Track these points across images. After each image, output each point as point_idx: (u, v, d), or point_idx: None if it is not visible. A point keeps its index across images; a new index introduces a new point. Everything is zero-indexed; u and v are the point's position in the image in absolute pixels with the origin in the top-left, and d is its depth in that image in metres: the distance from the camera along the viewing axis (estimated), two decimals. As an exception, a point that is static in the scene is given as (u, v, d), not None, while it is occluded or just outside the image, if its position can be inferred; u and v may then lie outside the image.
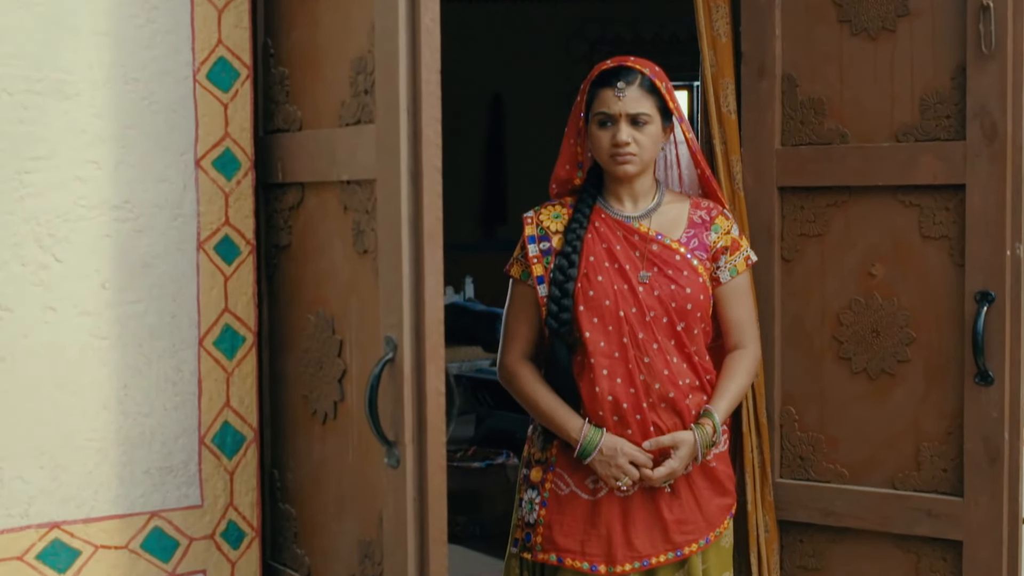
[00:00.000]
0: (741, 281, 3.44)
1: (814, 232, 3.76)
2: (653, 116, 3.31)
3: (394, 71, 2.59)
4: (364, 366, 2.76)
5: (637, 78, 3.31)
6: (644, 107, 3.30)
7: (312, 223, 2.97)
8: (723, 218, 3.43)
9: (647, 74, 3.32)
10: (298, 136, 2.99)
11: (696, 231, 3.39)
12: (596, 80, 3.35)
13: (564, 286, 3.31)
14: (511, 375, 3.45)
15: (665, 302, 3.30)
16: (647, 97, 3.31)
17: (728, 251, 3.40)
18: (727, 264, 3.40)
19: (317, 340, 2.95)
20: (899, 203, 3.62)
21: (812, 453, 3.79)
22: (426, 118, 2.58)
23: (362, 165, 2.73)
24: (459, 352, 9.67)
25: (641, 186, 3.40)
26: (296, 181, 3.01)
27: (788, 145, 3.76)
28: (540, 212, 3.45)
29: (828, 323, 3.74)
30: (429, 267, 2.59)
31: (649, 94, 3.31)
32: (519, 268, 3.44)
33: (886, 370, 3.66)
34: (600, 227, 3.37)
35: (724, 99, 3.77)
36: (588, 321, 3.30)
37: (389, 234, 2.63)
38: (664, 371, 3.30)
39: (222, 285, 3.02)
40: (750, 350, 3.47)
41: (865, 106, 3.65)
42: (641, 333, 3.29)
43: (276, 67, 3.09)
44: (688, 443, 3.30)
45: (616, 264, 3.33)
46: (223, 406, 3.03)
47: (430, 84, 2.59)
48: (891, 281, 3.64)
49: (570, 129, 3.43)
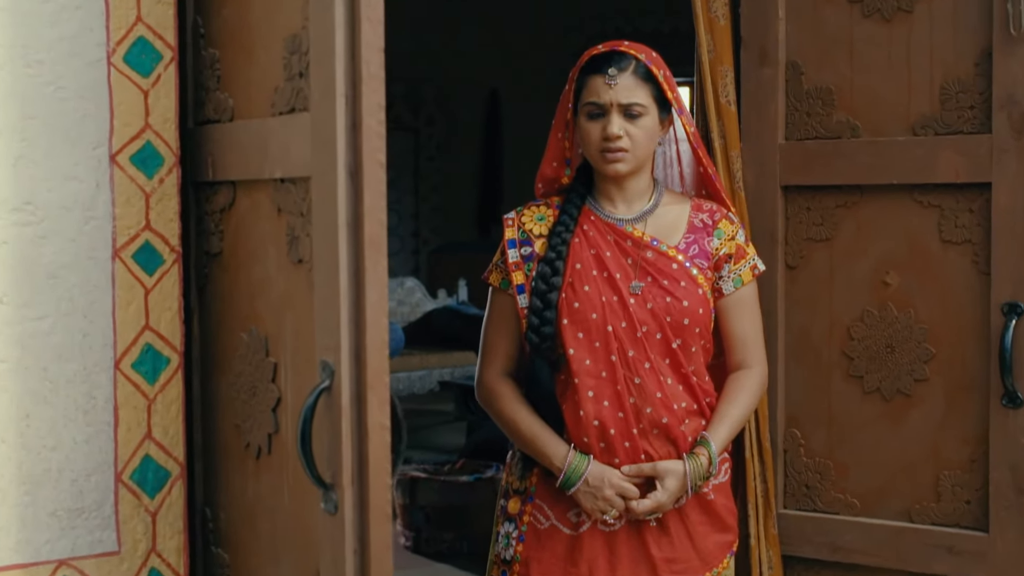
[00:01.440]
0: (746, 293, 3.15)
1: (822, 236, 3.52)
2: (648, 107, 3.02)
3: (330, 50, 2.23)
4: (300, 394, 2.40)
5: (631, 64, 3.02)
6: (638, 96, 3.01)
7: (244, 227, 2.61)
8: (727, 222, 3.15)
9: (642, 60, 3.03)
10: (229, 127, 2.63)
11: (696, 236, 3.11)
12: (586, 67, 3.06)
13: (546, 297, 3.02)
14: (489, 394, 3.16)
15: (659, 316, 3.01)
16: (642, 85, 3.02)
17: (732, 259, 3.12)
18: (731, 274, 3.12)
19: (250, 362, 2.58)
20: (916, 204, 3.39)
21: (819, 481, 3.56)
22: (367, 105, 2.23)
23: (296, 160, 2.37)
24: (451, 358, 9.43)
25: (636, 186, 3.11)
26: (227, 179, 2.64)
27: (793, 139, 3.53)
28: (522, 213, 3.16)
29: (837, 337, 3.51)
30: (371, 279, 2.23)
31: (644, 82, 3.02)
32: (498, 275, 3.16)
33: (902, 390, 3.43)
34: (589, 231, 3.09)
35: (723, 88, 3.51)
36: (572, 336, 3.01)
37: (325, 241, 2.27)
38: (657, 394, 3.01)
39: (142, 299, 2.65)
40: (755, 370, 3.18)
41: (878, 96, 3.42)
42: (631, 351, 3.00)
43: (206, 49, 2.72)
44: (677, 474, 3.01)
45: (605, 272, 3.04)
46: (143, 437, 2.66)
47: (372, 65, 2.23)
48: (907, 291, 3.41)
49: (557, 122, 3.14)
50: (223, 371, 2.71)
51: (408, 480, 6.54)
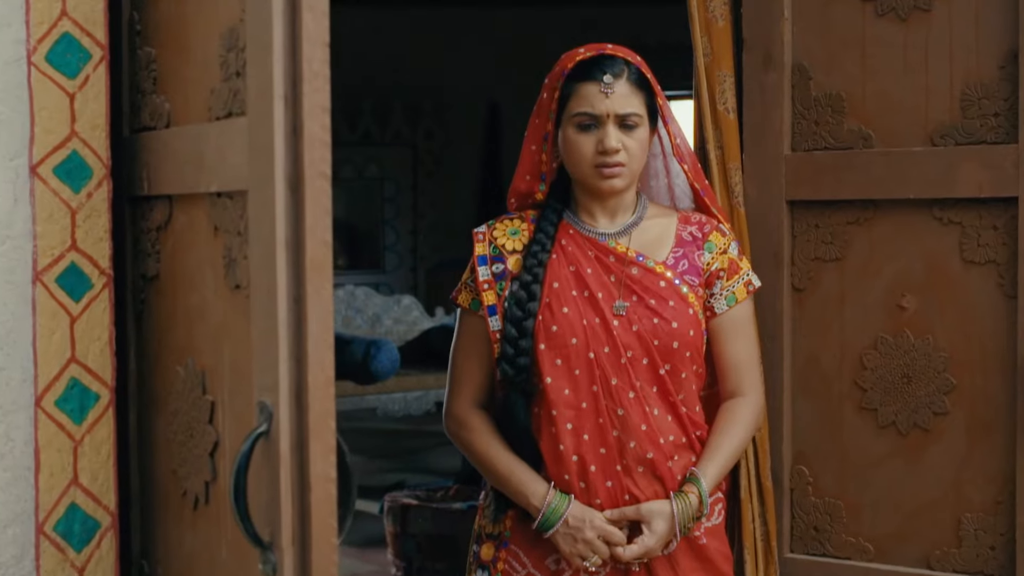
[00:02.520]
0: (741, 312, 2.93)
1: (831, 255, 3.32)
2: (643, 116, 2.82)
3: (266, 45, 1.95)
4: (238, 438, 2.11)
5: (624, 70, 2.80)
6: (634, 105, 2.80)
7: (182, 248, 2.32)
8: (718, 235, 2.93)
9: (635, 65, 2.82)
10: (165, 135, 2.35)
11: (686, 251, 2.90)
12: (573, 73, 2.81)
13: (522, 324, 2.79)
14: (459, 426, 2.92)
15: (646, 339, 2.79)
16: (636, 93, 2.81)
17: (725, 275, 2.91)
18: (723, 291, 2.90)
19: (186, 400, 2.30)
20: (935, 221, 3.19)
21: (829, 523, 3.34)
22: (309, 107, 1.94)
23: (232, 172, 2.09)
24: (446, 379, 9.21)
25: (621, 200, 2.90)
26: (163, 194, 2.36)
27: (800, 150, 3.34)
28: (494, 227, 2.93)
29: (849, 366, 3.31)
30: (314, 308, 1.94)
31: (638, 89, 2.81)
32: (467, 295, 2.92)
33: (920, 424, 3.22)
34: (567, 246, 2.87)
35: (720, 95, 3.31)
36: (550, 364, 2.78)
37: (262, 264, 1.98)
38: (642, 426, 2.79)
39: (67, 327, 2.37)
40: (750, 399, 2.96)
41: (893, 102, 3.23)
42: (615, 378, 2.78)
43: (142, 47, 2.43)
44: (664, 515, 2.78)
45: (586, 292, 2.82)
46: (69, 484, 2.38)
47: (315, 62, 1.95)
48: (926, 316, 3.21)
49: (532, 133, 2.91)
50: (160, 408, 2.42)
51: (399, 507, 6.36)
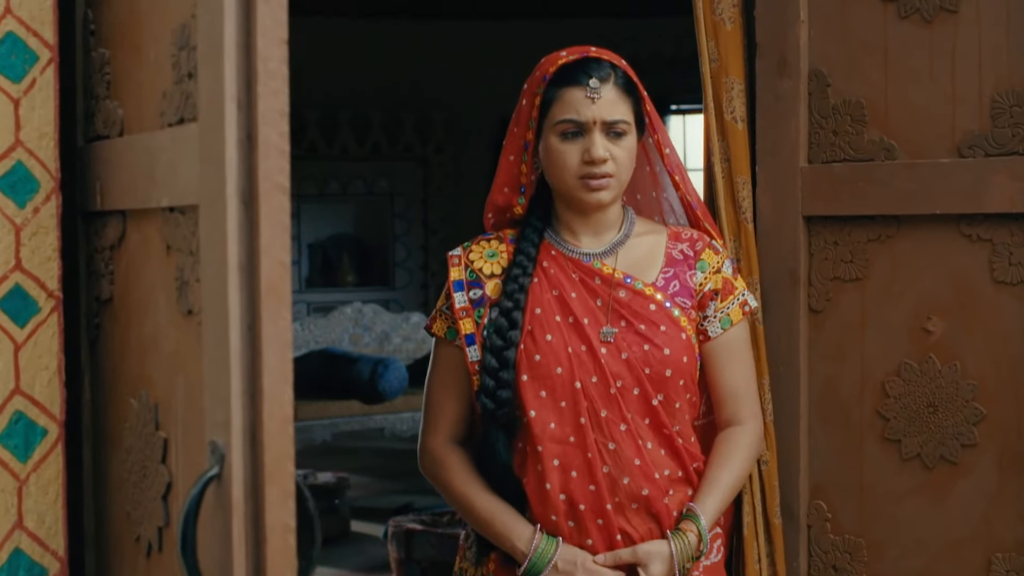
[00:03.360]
0: (736, 335, 2.80)
1: (851, 275, 3.15)
2: (631, 124, 2.66)
3: (218, 42, 1.74)
4: (192, 480, 1.90)
5: (610, 74, 2.65)
6: (622, 112, 2.65)
7: (135, 268, 2.12)
8: (711, 252, 2.79)
9: (621, 68, 2.67)
10: (118, 144, 2.15)
11: (676, 270, 2.75)
12: (556, 77, 2.65)
13: (503, 354, 2.62)
14: (436, 465, 2.75)
15: (636, 368, 2.64)
16: (624, 99, 2.66)
17: (719, 296, 2.76)
18: (717, 313, 2.76)
19: (140, 436, 2.09)
20: (963, 237, 3.02)
21: (849, 562, 3.16)
22: (265, 111, 1.74)
23: (184, 184, 1.89)
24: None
25: (605, 216, 2.74)
26: (117, 209, 2.15)
27: (817, 162, 3.17)
28: (470, 249, 2.76)
29: (870, 394, 3.14)
30: (270, 338, 1.74)
31: (626, 95, 2.66)
32: (443, 324, 2.76)
33: (947, 457, 3.05)
34: (550, 268, 2.70)
35: (728, 103, 3.14)
36: (534, 396, 2.62)
37: (214, 287, 1.78)
38: (635, 460, 2.63)
39: (11, 356, 2.16)
40: (749, 427, 2.82)
41: (918, 110, 3.07)
42: (604, 410, 2.62)
43: (96, 48, 2.23)
44: (662, 556, 2.62)
45: (571, 317, 2.66)
46: (13, 527, 2.17)
47: (271, 60, 1.74)
48: (953, 340, 3.04)
49: (510, 143, 2.74)
50: (115, 445, 2.22)
51: (404, 533, 6.24)
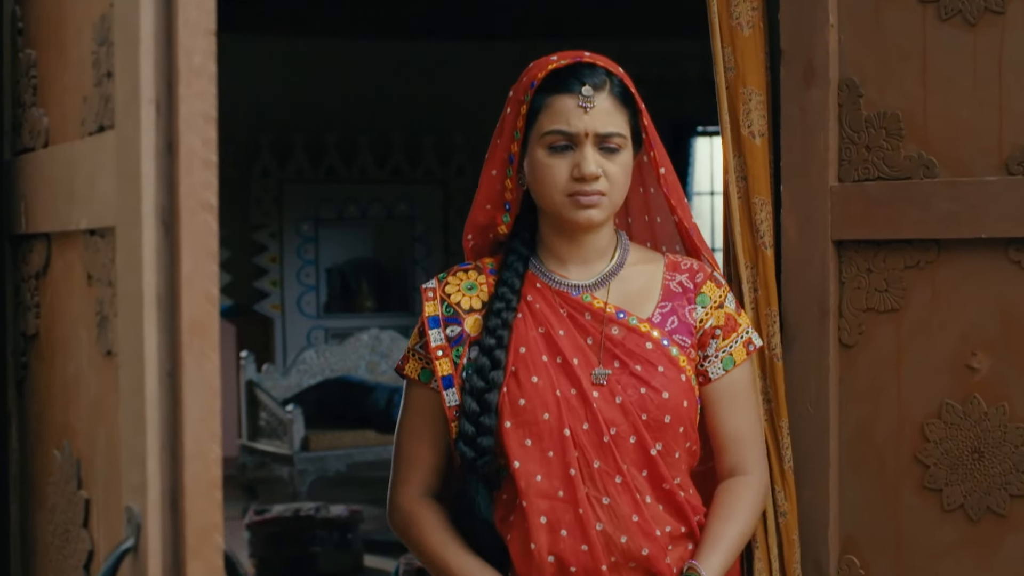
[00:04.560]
0: (739, 377, 2.59)
1: (887, 306, 2.93)
2: (627, 139, 2.44)
3: (134, 34, 1.46)
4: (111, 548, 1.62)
5: (606, 82, 2.43)
6: (617, 124, 2.43)
7: (59, 300, 1.87)
8: (713, 285, 2.58)
9: (618, 76, 2.45)
10: (41, 157, 1.88)
11: (675, 305, 2.55)
12: (545, 84, 2.43)
13: (484, 397, 2.40)
14: (407, 521, 2.53)
15: (632, 413, 2.42)
16: (620, 110, 2.44)
17: (721, 333, 2.56)
18: (719, 352, 2.56)
19: (63, 494, 1.83)
20: (1012, 264, 2.80)
21: None
22: (188, 115, 1.48)
23: (102, 203, 1.62)
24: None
25: (596, 241, 2.52)
26: (41, 231, 1.88)
27: (848, 181, 2.96)
28: (446, 282, 2.54)
29: (908, 438, 2.92)
30: (193, 386, 1.48)
31: (622, 106, 2.44)
32: (416, 364, 2.53)
33: (993, 508, 2.81)
34: (535, 302, 2.48)
35: (745, 116, 2.93)
36: (518, 444, 2.39)
37: (129, 325, 1.50)
38: (633, 516, 2.41)
39: (-79, 400, 1.89)
40: (754, 478, 2.62)
41: (960, 123, 2.85)
42: (597, 461, 2.41)
43: (24, 49, 1.96)
44: None
45: (559, 357, 2.44)
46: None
47: (196, 55, 1.47)
48: (1000, 378, 2.82)
49: (493, 155, 2.53)
50: (40, 503, 1.94)
51: (415, 571, 6.05)
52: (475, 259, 2.58)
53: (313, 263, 10.97)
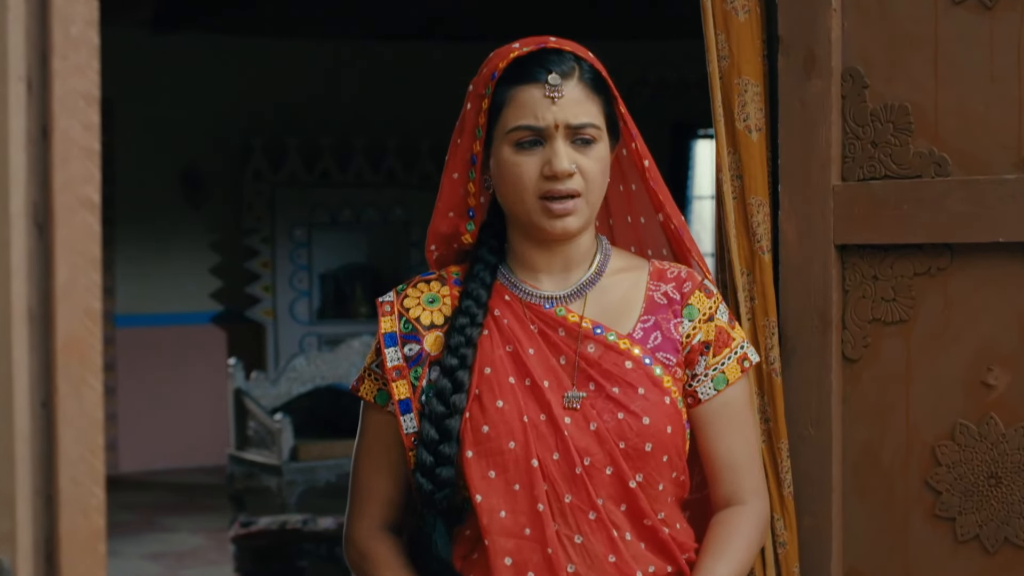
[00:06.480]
0: (734, 397, 2.42)
1: (895, 317, 2.85)
2: (602, 129, 2.27)
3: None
4: (-10, 606, 1.41)
5: (575, 68, 2.26)
6: (590, 114, 2.26)
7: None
8: (702, 295, 2.41)
9: (587, 61, 2.29)
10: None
11: (658, 318, 2.37)
12: (508, 74, 2.26)
13: (444, 424, 2.23)
14: (361, 556, 2.39)
15: (608, 441, 2.25)
16: (592, 98, 2.27)
17: (711, 349, 2.39)
18: (710, 370, 2.38)
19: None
20: None
21: None
22: (64, 95, 1.30)
23: (-24, 201, 1.39)
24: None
25: (573, 249, 2.34)
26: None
27: (852, 180, 2.89)
28: (405, 294, 2.38)
29: (918, 461, 2.84)
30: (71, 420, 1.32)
31: (594, 94, 2.27)
32: (372, 385, 2.37)
33: (1011, 539, 2.72)
34: (502, 317, 2.31)
35: (740, 109, 2.85)
36: (480, 476, 2.24)
37: (-1, 344, 1.29)
38: (609, 557, 2.24)
39: None
40: (752, 507, 2.45)
41: (975, 117, 2.77)
42: (568, 495, 2.24)
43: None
44: None
45: (527, 379, 2.28)
46: None
47: (74, 23, 1.30)
48: (1019, 396, 2.74)
49: (455, 157, 2.35)
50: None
51: None
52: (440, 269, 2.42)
53: (306, 268, 10.92)
